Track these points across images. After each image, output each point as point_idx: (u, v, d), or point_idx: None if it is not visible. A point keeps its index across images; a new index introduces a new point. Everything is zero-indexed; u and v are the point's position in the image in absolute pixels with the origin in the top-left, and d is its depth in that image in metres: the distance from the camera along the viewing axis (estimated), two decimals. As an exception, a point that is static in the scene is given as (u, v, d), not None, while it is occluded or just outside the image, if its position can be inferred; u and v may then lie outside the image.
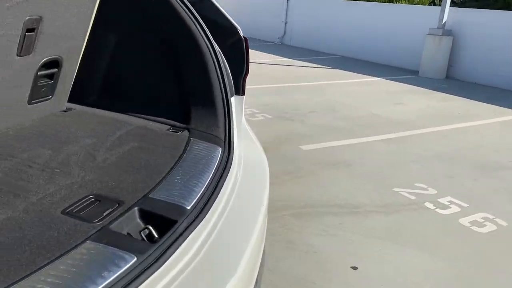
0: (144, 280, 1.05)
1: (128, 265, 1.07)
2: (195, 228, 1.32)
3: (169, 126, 2.04)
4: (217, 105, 2.00)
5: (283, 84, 7.73)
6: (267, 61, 10.18)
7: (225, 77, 2.00)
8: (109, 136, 1.85)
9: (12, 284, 0.94)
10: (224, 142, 1.97)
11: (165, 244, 1.20)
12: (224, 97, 2.00)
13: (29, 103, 1.85)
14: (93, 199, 1.35)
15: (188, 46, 1.98)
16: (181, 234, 1.26)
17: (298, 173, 3.96)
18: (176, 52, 2.04)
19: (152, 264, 1.11)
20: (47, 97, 1.95)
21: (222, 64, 1.99)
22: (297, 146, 4.62)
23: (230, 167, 1.80)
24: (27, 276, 0.97)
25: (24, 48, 1.65)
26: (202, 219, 1.38)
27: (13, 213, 1.21)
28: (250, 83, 7.67)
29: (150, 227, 1.29)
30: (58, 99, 2.02)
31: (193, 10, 1.96)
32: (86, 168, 1.54)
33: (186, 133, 2.00)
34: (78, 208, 1.29)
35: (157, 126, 2.02)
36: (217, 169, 1.72)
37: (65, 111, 2.08)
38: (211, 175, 1.65)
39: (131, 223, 1.30)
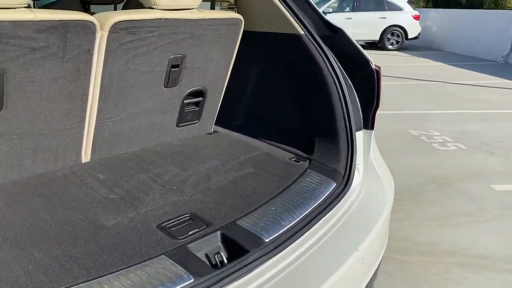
0: None
1: (183, 284, 1.17)
2: (265, 262, 1.33)
3: (293, 155, 2.08)
4: (340, 138, 1.94)
5: (493, 110, 6.69)
6: (478, 82, 8.98)
7: (350, 110, 1.93)
8: (233, 159, 2.01)
9: (86, 281, 1.15)
10: (343, 176, 1.90)
11: (227, 272, 1.25)
12: (348, 130, 1.93)
13: (177, 125, 2.18)
14: (188, 217, 1.51)
15: (314, 79, 1.99)
16: (246, 265, 1.29)
17: (480, 216, 3.38)
18: (304, 84, 2.08)
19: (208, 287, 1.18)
20: (194, 121, 2.25)
21: (347, 97, 1.93)
22: (488, 185, 3.94)
23: (337, 203, 1.72)
24: (101, 276, 1.17)
25: (170, 81, 1.96)
26: (276, 254, 1.37)
27: (121, 220, 1.47)
28: (447, 107, 6.94)
29: (221, 253, 1.36)
30: (204, 123, 2.31)
31: (323, 46, 1.97)
32: (198, 188, 1.73)
33: (306, 163, 2.00)
34: (172, 224, 1.46)
35: (281, 154, 2.09)
36: (320, 205, 1.67)
37: (210, 134, 2.36)
38: (309, 210, 1.62)
39: (211, 245, 1.39)
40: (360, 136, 2.03)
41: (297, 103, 2.15)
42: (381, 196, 1.93)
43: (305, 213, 1.62)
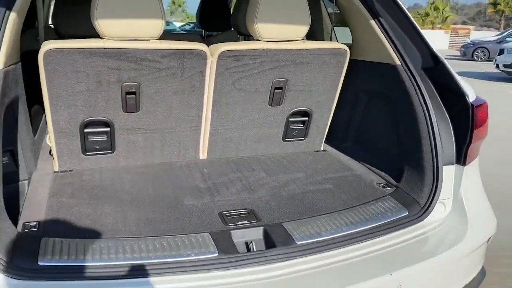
0: (209, 270, 1.46)
1: (208, 256, 1.52)
2: (284, 260, 1.55)
3: (384, 181, 2.15)
4: (426, 170, 1.94)
5: None
6: None
7: (438, 144, 1.90)
8: (320, 175, 2.21)
9: (146, 237, 1.60)
10: (422, 208, 1.90)
11: (245, 257, 1.54)
12: (435, 164, 1.91)
13: (283, 140, 2.49)
14: (246, 212, 1.83)
15: (406, 109, 2.03)
16: (265, 256, 1.54)
17: None
18: (397, 113, 2.13)
19: (223, 263, 1.50)
20: (300, 138, 2.52)
21: (436, 130, 1.91)
22: None
23: (395, 230, 1.77)
24: (156, 236, 1.60)
25: (274, 100, 2.31)
26: (297, 257, 1.57)
27: (196, 203, 1.88)
28: None
29: (253, 242, 1.64)
30: (311, 141, 2.56)
31: (417, 77, 1.99)
32: (270, 192, 2.02)
33: (390, 190, 2.06)
34: (230, 214, 1.80)
35: (372, 178, 2.18)
36: (373, 228, 1.76)
37: (317, 151, 2.58)
38: (357, 230, 1.73)
39: (251, 236, 1.69)
40: (451, 170, 1.96)
41: (392, 131, 2.20)
42: (455, 237, 1.84)
43: (351, 231, 1.73)
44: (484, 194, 2.08)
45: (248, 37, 2.79)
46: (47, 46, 1.81)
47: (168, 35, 2.83)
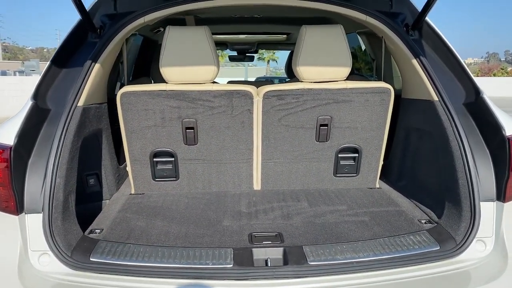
0: (223, 279, 1.67)
1: (225, 265, 1.73)
2: (292, 277, 1.68)
3: (428, 217, 2.13)
4: (463, 206, 1.90)
5: None
6: None
7: (474, 180, 1.86)
8: (361, 208, 2.28)
9: (182, 247, 1.87)
10: (458, 244, 1.85)
11: (257, 271, 1.71)
12: (472, 200, 1.86)
13: (335, 175, 2.59)
14: (274, 234, 1.99)
15: (443, 144, 2.04)
16: (274, 272, 1.69)
17: None
18: (437, 149, 2.11)
19: (235, 273, 1.69)
20: (352, 174, 2.60)
21: (471, 166, 1.88)
22: None
23: (417, 264, 1.77)
24: (190, 247, 1.86)
25: (321, 136, 2.47)
26: (308, 276, 1.68)
27: (233, 224, 2.10)
28: None
29: (269, 259, 1.80)
30: (364, 177, 2.61)
31: (453, 113, 2.00)
32: (305, 220, 2.15)
33: (429, 226, 2.04)
34: (258, 235, 1.99)
35: (416, 214, 2.18)
36: (394, 259, 1.77)
37: (371, 188, 2.61)
38: (375, 258, 1.77)
39: (272, 254, 1.84)
40: (491, 207, 1.88)
41: (435, 167, 2.17)
42: (492, 274, 1.73)
43: (369, 259, 1.76)
44: None
45: None
46: (123, 89, 2.28)
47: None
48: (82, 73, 2.06)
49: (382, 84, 2.37)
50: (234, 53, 5.85)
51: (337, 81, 2.37)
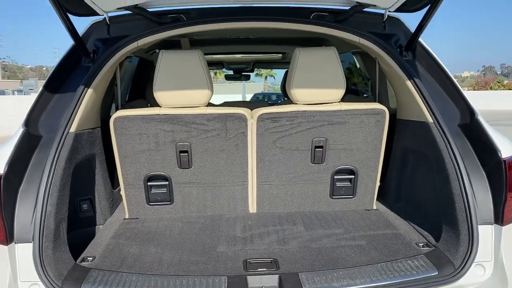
0: None
1: None
2: None
3: (426, 241, 2.10)
4: (461, 230, 1.88)
5: None
6: None
7: (471, 203, 1.84)
8: (358, 231, 2.25)
9: (175, 275, 1.83)
10: (456, 269, 1.82)
11: None
12: (469, 223, 1.84)
13: (331, 197, 2.57)
14: (269, 261, 1.95)
15: (439, 166, 2.02)
16: None
17: None
18: (433, 171, 2.10)
19: None
20: (349, 196, 2.57)
21: (468, 189, 1.86)
22: None
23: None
24: (179, 275, 1.83)
25: (316, 158, 2.45)
26: None
27: (227, 250, 2.06)
28: None
29: (264, 286, 1.76)
30: (360, 199, 2.58)
31: (448, 134, 1.98)
32: (301, 244, 2.11)
33: (427, 249, 2.01)
34: (254, 261, 1.95)
35: (413, 237, 2.15)
36: (393, 285, 1.74)
37: (368, 210, 2.58)
38: (372, 285, 1.73)
39: (268, 282, 1.81)
40: (489, 230, 1.85)
41: (432, 189, 2.15)
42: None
43: (366, 285, 1.73)
44: None
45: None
46: (116, 114, 2.26)
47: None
48: (74, 99, 2.05)
49: (376, 106, 2.36)
50: (231, 72, 5.87)
51: (332, 102, 2.36)
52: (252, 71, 5.73)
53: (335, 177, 2.52)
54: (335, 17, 2.35)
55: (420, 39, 2.32)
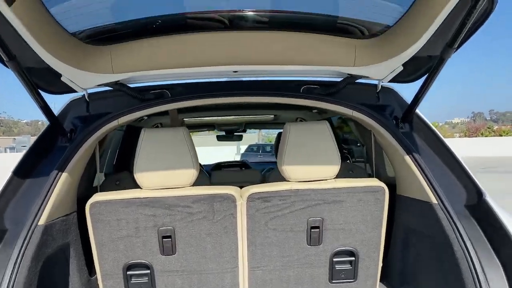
0: None
1: None
2: None
3: None
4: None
5: None
6: None
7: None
8: None
9: None
10: None
11: None
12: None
13: (330, 281, 2.34)
14: None
15: (447, 250, 1.84)
16: None
17: None
18: (441, 257, 1.91)
19: None
20: (350, 280, 2.34)
21: (482, 276, 1.67)
22: None
23: None
24: None
25: (312, 239, 2.24)
26: None
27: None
28: None
29: None
30: (362, 282, 2.35)
31: (455, 218, 1.85)
32: None
33: None
34: None
35: None
36: None
37: None
38: None
39: None
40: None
41: (439, 276, 1.94)
42: None
43: None
44: None
45: None
46: (92, 199, 2.07)
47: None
48: (46, 186, 1.87)
49: (375, 183, 2.20)
50: (223, 133, 5.76)
51: (326, 179, 2.20)
52: (244, 131, 5.62)
53: (334, 259, 2.30)
54: (326, 89, 2.25)
55: (417, 110, 2.21)
